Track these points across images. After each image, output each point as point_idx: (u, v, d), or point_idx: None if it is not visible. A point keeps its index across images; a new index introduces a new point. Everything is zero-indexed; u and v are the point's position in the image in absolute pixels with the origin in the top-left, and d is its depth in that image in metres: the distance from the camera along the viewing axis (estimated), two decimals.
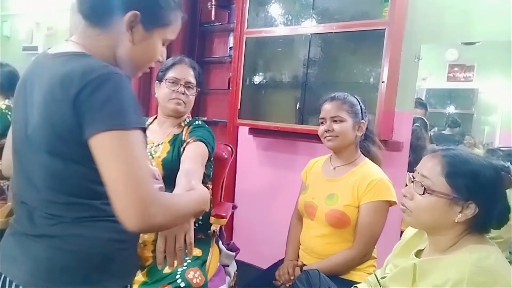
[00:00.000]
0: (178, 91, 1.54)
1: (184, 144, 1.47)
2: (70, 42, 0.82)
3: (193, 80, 1.57)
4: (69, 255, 0.77)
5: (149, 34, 0.83)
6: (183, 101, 1.55)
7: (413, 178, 0.97)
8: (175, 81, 1.55)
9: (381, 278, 1.09)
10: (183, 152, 1.43)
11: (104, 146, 0.71)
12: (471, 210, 0.88)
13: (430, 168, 0.93)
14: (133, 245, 0.89)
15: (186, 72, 1.56)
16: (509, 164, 0.95)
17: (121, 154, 0.70)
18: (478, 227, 0.91)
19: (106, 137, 0.70)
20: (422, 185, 0.92)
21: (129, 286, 0.89)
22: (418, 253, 1.01)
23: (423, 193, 0.92)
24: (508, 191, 0.91)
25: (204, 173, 1.59)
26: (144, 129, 0.77)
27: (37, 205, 0.79)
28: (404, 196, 0.98)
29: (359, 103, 1.49)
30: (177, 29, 0.90)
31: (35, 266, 0.77)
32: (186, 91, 1.55)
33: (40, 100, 0.74)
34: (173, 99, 1.54)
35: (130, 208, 0.70)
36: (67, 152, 0.75)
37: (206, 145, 1.45)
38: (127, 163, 0.70)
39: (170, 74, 1.56)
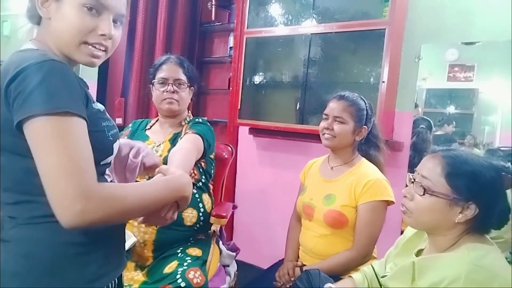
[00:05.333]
0: (168, 91, 1.54)
1: (182, 135, 1.48)
2: (32, 40, 0.82)
3: (182, 77, 1.57)
4: (20, 259, 0.74)
5: (59, 2, 0.77)
6: (175, 100, 1.55)
7: (413, 178, 0.97)
8: (163, 81, 1.56)
9: (382, 277, 1.09)
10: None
11: (34, 133, 0.67)
12: (471, 210, 0.88)
13: (430, 168, 0.93)
14: (98, 248, 0.81)
15: (173, 70, 1.57)
16: (509, 164, 0.94)
17: (52, 142, 0.66)
18: (478, 227, 0.91)
19: (36, 123, 0.66)
20: (422, 186, 0.92)
21: None
22: (419, 253, 1.01)
23: (423, 194, 0.92)
24: (508, 191, 0.91)
25: (205, 171, 1.60)
26: (83, 117, 0.71)
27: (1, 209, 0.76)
28: (405, 196, 0.98)
29: (367, 109, 1.47)
30: None
31: None
32: (177, 89, 1.56)
33: None
34: (165, 99, 1.55)
35: (63, 203, 0.65)
36: (7, 144, 0.72)
37: (203, 140, 1.45)
38: (58, 151, 0.66)
39: (158, 75, 1.57)
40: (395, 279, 1.00)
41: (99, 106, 0.84)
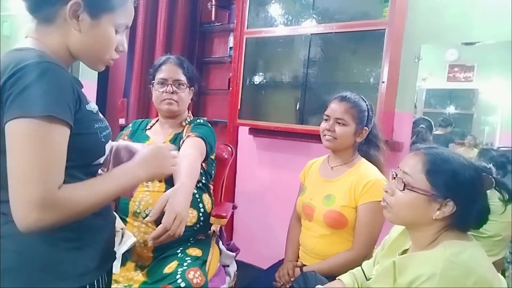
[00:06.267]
0: (167, 91, 1.54)
1: (184, 137, 1.47)
2: (29, 38, 0.82)
3: (182, 78, 1.57)
4: (12, 255, 0.75)
5: (97, 21, 0.80)
6: (175, 100, 1.55)
7: (395, 174, 0.98)
8: (163, 82, 1.56)
9: (367, 280, 1.09)
10: (181, 146, 1.43)
11: (10, 135, 0.68)
12: (449, 208, 0.89)
13: (412, 165, 0.94)
14: (88, 243, 0.83)
15: (173, 71, 1.57)
16: (491, 165, 0.95)
17: (23, 145, 0.67)
18: (457, 225, 0.92)
19: (14, 124, 0.67)
20: (403, 182, 0.94)
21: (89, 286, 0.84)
22: (404, 253, 1.02)
23: (403, 189, 0.93)
24: (489, 191, 0.92)
25: (206, 171, 1.60)
26: (67, 123, 0.72)
27: None
28: (386, 191, 1.00)
29: (368, 110, 1.46)
30: (129, 14, 0.87)
31: None
32: (176, 90, 1.56)
33: None
34: (164, 100, 1.55)
35: (20, 209, 0.67)
36: (2, 144, 0.72)
37: (205, 144, 1.45)
38: (28, 156, 0.67)
39: (158, 76, 1.57)
40: (378, 280, 1.01)
41: (93, 107, 0.85)
